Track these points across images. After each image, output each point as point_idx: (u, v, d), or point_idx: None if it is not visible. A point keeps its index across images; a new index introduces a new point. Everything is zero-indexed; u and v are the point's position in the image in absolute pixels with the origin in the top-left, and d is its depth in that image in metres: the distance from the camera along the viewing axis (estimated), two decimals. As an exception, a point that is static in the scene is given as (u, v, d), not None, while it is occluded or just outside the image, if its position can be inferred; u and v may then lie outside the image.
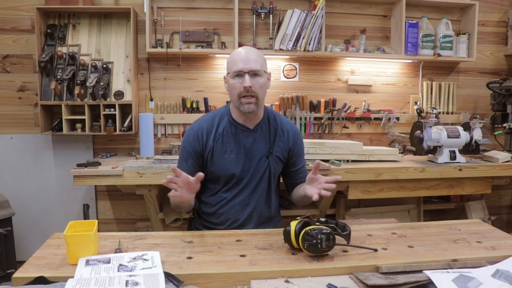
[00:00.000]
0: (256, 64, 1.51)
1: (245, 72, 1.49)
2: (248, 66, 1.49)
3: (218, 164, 1.59)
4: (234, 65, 1.52)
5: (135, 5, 2.75)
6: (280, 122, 1.67)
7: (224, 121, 1.62)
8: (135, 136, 2.87)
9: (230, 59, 1.56)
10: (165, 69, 2.89)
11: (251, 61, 1.50)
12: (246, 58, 1.51)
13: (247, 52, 1.53)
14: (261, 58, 1.55)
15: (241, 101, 1.52)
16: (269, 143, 1.63)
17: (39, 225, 2.87)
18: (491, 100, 3.03)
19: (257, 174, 1.62)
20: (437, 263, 1.15)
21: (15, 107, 2.81)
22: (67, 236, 1.14)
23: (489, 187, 2.66)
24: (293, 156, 1.69)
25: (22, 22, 2.74)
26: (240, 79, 1.51)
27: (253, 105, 1.52)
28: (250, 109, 1.52)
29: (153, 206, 2.50)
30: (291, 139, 1.67)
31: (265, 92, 1.57)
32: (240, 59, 1.51)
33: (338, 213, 2.86)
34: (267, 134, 1.64)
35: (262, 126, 1.63)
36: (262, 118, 1.63)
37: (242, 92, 1.50)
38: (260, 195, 1.65)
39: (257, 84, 1.51)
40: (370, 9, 3.07)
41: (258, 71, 1.51)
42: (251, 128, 1.61)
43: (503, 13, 3.27)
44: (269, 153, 1.63)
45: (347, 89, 3.12)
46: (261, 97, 1.54)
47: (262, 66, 1.53)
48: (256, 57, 1.53)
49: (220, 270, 1.11)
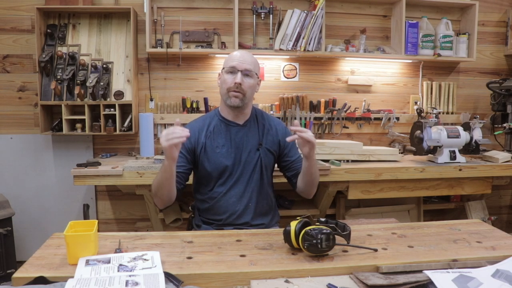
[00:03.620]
0: (249, 66, 1.65)
1: (238, 70, 1.63)
2: (243, 66, 1.64)
3: (211, 158, 1.68)
4: (230, 62, 1.66)
5: (135, 5, 2.75)
6: (268, 119, 1.81)
7: (214, 120, 1.75)
8: (135, 136, 2.87)
9: (227, 57, 1.70)
10: (165, 69, 2.89)
11: (246, 62, 1.65)
12: (243, 59, 1.65)
13: (244, 55, 1.68)
14: (255, 63, 1.70)
15: (229, 95, 1.65)
16: (258, 137, 1.73)
17: (39, 225, 2.87)
18: (491, 100, 3.03)
19: (248, 166, 1.71)
20: (437, 263, 1.15)
21: (15, 107, 2.81)
22: (67, 236, 1.14)
23: (489, 187, 2.66)
24: (285, 147, 1.78)
25: (22, 22, 2.74)
26: (233, 75, 1.64)
27: (239, 100, 1.64)
28: (235, 102, 1.64)
29: (153, 206, 2.50)
30: (279, 132, 1.78)
31: (252, 93, 1.70)
32: (236, 58, 1.66)
33: (338, 213, 2.86)
34: (256, 128, 1.75)
35: (251, 122, 1.75)
36: (250, 115, 1.76)
37: (232, 87, 1.63)
38: (254, 186, 1.72)
39: (247, 83, 1.64)
40: (370, 9, 3.07)
41: (250, 71, 1.65)
42: (241, 124, 1.73)
43: (503, 13, 3.27)
44: (259, 146, 1.72)
45: (347, 89, 3.12)
46: (248, 95, 1.67)
47: (254, 69, 1.68)
48: (251, 60, 1.67)
49: (220, 270, 1.11)
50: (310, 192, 1.73)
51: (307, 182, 1.68)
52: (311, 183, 1.68)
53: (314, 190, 1.73)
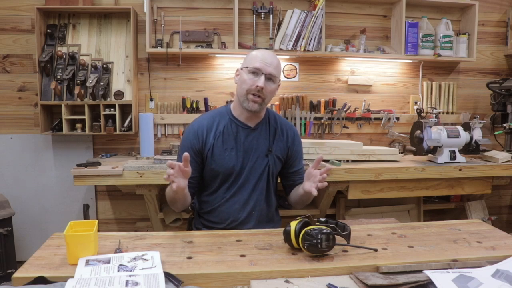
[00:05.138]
0: (274, 70, 1.56)
1: (263, 72, 1.53)
2: (268, 69, 1.54)
3: (218, 161, 1.61)
4: (255, 62, 1.54)
5: (135, 5, 2.75)
6: (280, 123, 1.71)
7: (224, 119, 1.64)
8: (135, 136, 2.87)
9: (252, 55, 1.59)
10: (165, 69, 2.89)
11: (272, 66, 1.55)
12: (269, 62, 1.55)
13: (271, 57, 1.57)
14: (279, 67, 1.60)
15: (247, 97, 1.55)
16: (268, 142, 1.66)
17: (39, 225, 2.87)
18: (491, 100, 3.03)
19: (255, 172, 1.64)
20: (437, 263, 1.15)
21: (15, 107, 2.81)
22: (67, 236, 1.14)
23: (489, 187, 2.66)
24: (292, 156, 1.71)
25: (22, 22, 2.74)
26: (256, 77, 1.54)
27: (258, 105, 1.55)
28: (254, 107, 1.55)
29: (153, 206, 2.50)
30: (290, 139, 1.70)
31: (271, 98, 1.62)
32: (262, 59, 1.55)
33: (338, 213, 2.86)
34: (267, 133, 1.67)
35: (262, 126, 1.66)
36: (263, 118, 1.67)
37: (252, 89, 1.53)
38: (259, 194, 1.66)
39: (268, 88, 1.55)
40: (370, 9, 3.07)
41: (274, 77, 1.56)
42: (252, 127, 1.64)
43: (503, 13, 3.27)
44: (268, 152, 1.65)
45: (347, 89, 3.12)
46: (267, 101, 1.59)
47: (278, 74, 1.59)
48: (276, 64, 1.58)
49: (220, 270, 1.11)
50: (297, 207, 1.74)
51: (298, 201, 1.68)
52: (301, 203, 1.68)
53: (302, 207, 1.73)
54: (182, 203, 1.56)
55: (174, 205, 1.57)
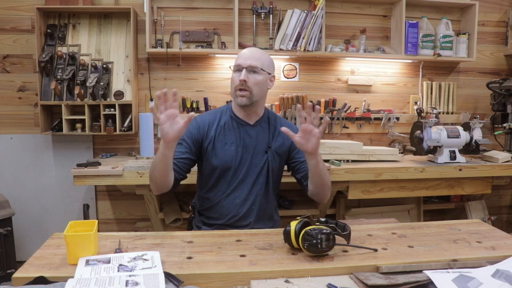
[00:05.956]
0: (255, 62, 1.59)
1: (243, 67, 1.58)
2: (247, 62, 1.58)
3: (218, 154, 1.65)
4: (237, 60, 1.62)
5: (135, 5, 2.75)
6: (280, 122, 1.75)
7: (226, 115, 1.70)
8: (135, 136, 2.87)
9: (237, 56, 1.65)
10: (165, 69, 2.89)
11: (252, 58, 1.59)
12: (248, 56, 1.60)
13: (252, 51, 1.63)
14: (263, 58, 1.62)
15: (236, 94, 1.61)
16: (268, 139, 1.69)
17: (39, 225, 2.87)
18: (491, 100, 3.03)
19: (255, 168, 1.67)
20: (437, 263, 1.15)
21: (15, 107, 2.81)
22: (67, 236, 1.14)
23: (489, 187, 2.66)
24: (295, 148, 1.70)
25: (22, 22, 2.74)
26: (239, 73, 1.59)
27: (246, 98, 1.59)
28: (242, 102, 1.59)
29: (153, 206, 2.50)
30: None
31: (261, 90, 1.63)
32: (242, 56, 1.61)
33: (338, 213, 2.86)
34: (267, 130, 1.70)
35: (262, 123, 1.70)
36: (262, 116, 1.71)
37: (238, 85, 1.59)
38: (259, 189, 1.69)
39: (252, 79, 1.58)
40: (370, 9, 3.07)
41: (255, 67, 1.59)
42: (251, 124, 1.68)
43: (503, 13, 3.27)
44: (267, 148, 1.68)
45: (347, 89, 3.12)
46: (256, 93, 1.60)
47: (262, 65, 1.61)
48: (258, 56, 1.61)
49: (220, 270, 1.11)
50: (323, 194, 1.61)
51: (316, 183, 1.56)
52: (320, 184, 1.56)
53: (327, 193, 1.61)
54: (163, 176, 1.47)
55: (154, 175, 1.48)
